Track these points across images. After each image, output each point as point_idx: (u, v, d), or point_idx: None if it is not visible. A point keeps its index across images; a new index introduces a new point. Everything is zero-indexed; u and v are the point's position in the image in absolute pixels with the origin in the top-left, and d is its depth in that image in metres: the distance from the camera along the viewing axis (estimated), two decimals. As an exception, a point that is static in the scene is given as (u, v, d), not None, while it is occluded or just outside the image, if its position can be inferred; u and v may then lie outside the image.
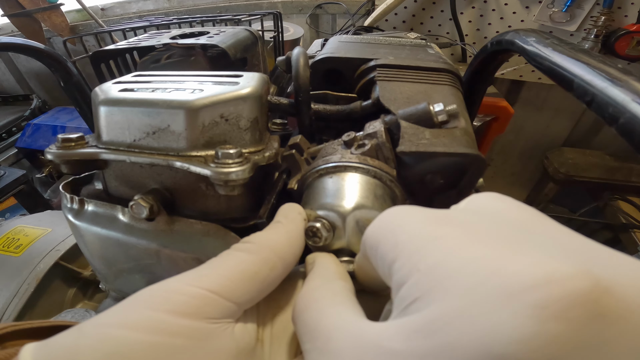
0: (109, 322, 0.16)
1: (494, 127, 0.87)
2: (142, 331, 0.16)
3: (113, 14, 1.44)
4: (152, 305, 0.17)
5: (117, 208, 0.29)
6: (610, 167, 1.31)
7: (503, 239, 0.13)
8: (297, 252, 0.22)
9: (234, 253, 0.20)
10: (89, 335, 0.15)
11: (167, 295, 0.17)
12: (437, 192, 0.28)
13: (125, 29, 0.64)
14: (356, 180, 0.25)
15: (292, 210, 0.24)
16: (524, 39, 0.37)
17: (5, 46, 0.62)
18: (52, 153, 0.27)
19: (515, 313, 0.10)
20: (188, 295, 0.17)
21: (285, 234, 0.22)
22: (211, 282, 0.18)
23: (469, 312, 0.11)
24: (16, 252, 0.65)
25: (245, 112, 0.27)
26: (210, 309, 0.17)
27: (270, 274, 0.20)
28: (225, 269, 0.19)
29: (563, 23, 1.10)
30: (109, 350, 0.15)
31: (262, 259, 0.20)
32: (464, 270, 0.12)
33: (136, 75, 0.33)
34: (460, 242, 0.14)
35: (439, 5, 1.15)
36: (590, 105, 0.25)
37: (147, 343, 0.15)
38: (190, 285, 0.18)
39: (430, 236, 0.14)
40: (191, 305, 0.17)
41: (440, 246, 0.14)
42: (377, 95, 0.32)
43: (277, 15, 0.70)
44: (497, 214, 0.16)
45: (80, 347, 0.15)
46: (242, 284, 0.19)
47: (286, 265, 0.21)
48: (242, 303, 0.19)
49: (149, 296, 0.17)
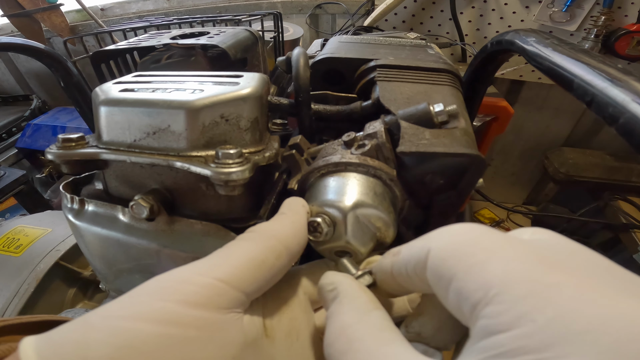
0: (118, 314, 0.16)
1: (494, 127, 0.87)
2: (153, 323, 0.15)
3: (113, 14, 1.44)
4: (162, 296, 0.16)
5: (118, 208, 0.29)
6: (610, 167, 1.31)
7: (616, 287, 0.12)
8: (301, 242, 0.22)
9: (240, 243, 0.20)
10: (98, 328, 0.15)
11: (177, 286, 0.17)
12: (437, 192, 0.28)
13: (126, 29, 0.64)
14: (356, 178, 0.26)
15: (296, 203, 0.24)
16: (524, 39, 0.37)
17: (6, 46, 0.62)
18: (53, 153, 0.27)
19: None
20: (198, 285, 0.17)
21: (290, 224, 0.22)
22: (221, 272, 0.18)
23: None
24: (16, 252, 0.65)
25: (246, 113, 0.27)
26: (221, 299, 0.17)
27: (277, 263, 0.20)
28: (234, 258, 0.19)
29: (563, 23, 1.10)
30: (121, 343, 0.14)
31: (268, 248, 0.20)
32: (601, 328, 0.11)
33: (136, 75, 0.33)
34: (581, 291, 0.12)
35: (438, 5, 1.15)
36: (590, 106, 0.25)
37: (159, 335, 0.15)
38: (200, 274, 0.18)
39: (543, 281, 0.13)
40: (202, 295, 0.17)
41: (559, 295, 0.12)
42: (377, 96, 0.32)
43: (278, 15, 0.70)
44: (574, 254, 0.14)
45: (90, 341, 0.14)
46: (250, 272, 0.18)
47: (291, 254, 0.21)
48: (250, 293, 0.19)
49: (158, 286, 0.17)
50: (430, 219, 0.31)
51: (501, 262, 0.14)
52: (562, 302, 0.12)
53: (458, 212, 0.30)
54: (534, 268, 0.13)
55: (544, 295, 0.12)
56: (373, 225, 0.24)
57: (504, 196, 1.62)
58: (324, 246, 0.25)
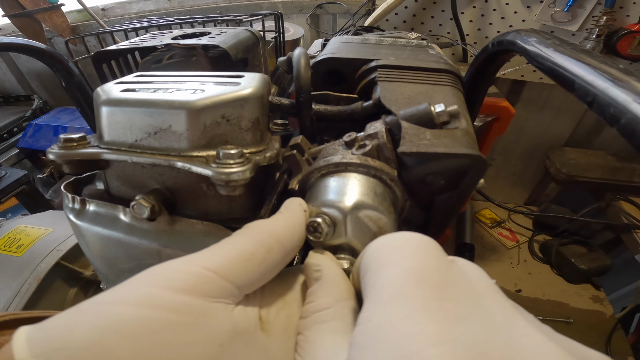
0: (107, 299, 0.16)
1: (495, 128, 0.87)
2: (138, 306, 0.16)
3: (114, 14, 1.44)
4: (150, 283, 0.17)
5: (119, 208, 0.29)
6: (612, 167, 1.30)
7: (440, 317, 0.14)
8: (295, 239, 0.22)
9: (232, 237, 0.21)
10: (86, 313, 0.16)
11: (166, 273, 0.18)
12: (438, 192, 0.28)
13: (127, 29, 0.64)
14: (357, 179, 0.26)
15: (293, 202, 0.25)
16: (525, 39, 0.37)
17: (7, 46, 0.62)
18: (54, 153, 0.27)
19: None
20: (186, 273, 0.18)
21: (284, 220, 0.23)
22: (209, 261, 0.19)
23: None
24: (17, 252, 0.66)
25: (247, 113, 0.27)
26: (208, 287, 0.18)
27: (268, 257, 0.20)
28: (224, 250, 0.20)
29: (565, 23, 1.09)
30: (104, 326, 0.15)
31: (258, 241, 0.20)
32: (386, 340, 0.14)
33: (138, 75, 0.33)
34: (413, 310, 0.15)
35: (439, 5, 1.15)
36: (591, 106, 0.25)
37: (142, 318, 0.15)
38: (189, 264, 0.18)
39: (397, 293, 0.16)
40: (189, 282, 0.17)
41: (396, 308, 0.15)
42: (378, 96, 0.32)
43: (278, 15, 0.70)
44: (480, 295, 0.16)
45: (77, 323, 0.15)
46: (239, 264, 0.19)
47: (284, 250, 0.21)
48: (241, 285, 0.19)
49: (148, 275, 0.18)
50: (431, 220, 0.31)
51: (392, 269, 0.17)
52: (390, 314, 0.15)
53: (459, 212, 0.30)
54: (403, 281, 0.16)
55: (390, 304, 0.15)
56: (373, 225, 0.24)
57: (505, 196, 1.62)
58: (324, 246, 0.25)
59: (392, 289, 0.16)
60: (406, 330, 0.14)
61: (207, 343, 0.17)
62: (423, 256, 0.17)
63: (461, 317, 0.15)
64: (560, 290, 1.28)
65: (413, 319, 0.14)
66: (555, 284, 1.30)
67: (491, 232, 1.49)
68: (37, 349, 0.14)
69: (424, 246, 0.18)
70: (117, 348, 0.15)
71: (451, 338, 0.13)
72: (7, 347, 0.15)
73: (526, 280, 1.32)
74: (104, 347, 0.14)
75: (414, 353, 0.13)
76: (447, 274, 0.17)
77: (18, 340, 0.15)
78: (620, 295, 1.26)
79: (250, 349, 0.19)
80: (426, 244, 0.18)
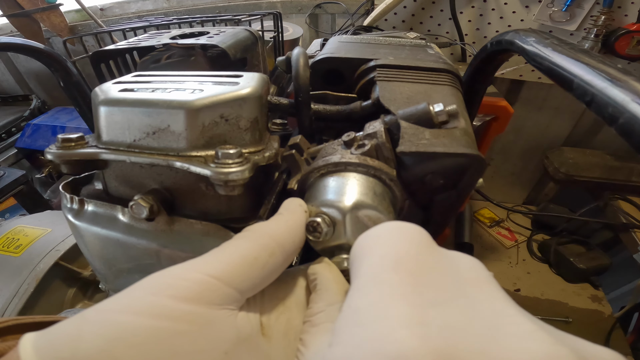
0: (111, 308, 0.16)
1: (494, 127, 0.87)
2: (144, 316, 0.16)
3: (112, 14, 1.43)
4: (154, 291, 0.17)
5: (117, 208, 0.29)
6: (610, 166, 1.30)
7: (422, 305, 0.15)
8: (296, 241, 0.22)
9: (234, 241, 0.21)
10: (92, 322, 0.15)
11: (169, 281, 0.17)
12: (437, 192, 0.28)
13: (125, 29, 0.63)
14: (356, 178, 0.26)
15: (293, 203, 0.24)
16: (523, 38, 0.37)
17: (5, 46, 0.62)
18: (52, 153, 0.27)
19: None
20: (190, 281, 0.17)
21: (285, 222, 0.22)
22: (212, 268, 0.18)
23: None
24: (16, 252, 0.65)
25: (245, 112, 0.27)
26: (211, 294, 0.18)
27: (270, 260, 0.20)
28: (226, 255, 0.19)
29: (563, 22, 1.10)
30: (112, 335, 0.15)
31: (260, 245, 0.20)
32: (359, 326, 0.15)
33: (136, 75, 0.33)
34: (383, 310, 0.15)
35: (438, 5, 1.15)
36: (589, 106, 0.25)
37: (149, 328, 0.15)
38: (193, 271, 0.18)
39: (374, 280, 0.16)
40: (193, 290, 0.17)
41: (371, 293, 0.16)
42: (377, 96, 0.32)
43: (277, 15, 0.70)
44: (460, 284, 0.17)
45: (83, 333, 0.15)
46: (242, 269, 0.19)
47: (286, 252, 0.21)
48: (244, 290, 0.19)
49: (152, 282, 0.18)
50: (431, 219, 0.31)
51: (374, 257, 0.18)
52: (364, 300, 0.16)
53: (458, 211, 0.30)
54: (383, 267, 0.17)
55: (366, 289, 0.16)
56: (373, 225, 0.24)
57: (503, 196, 1.62)
58: (323, 246, 0.25)
59: (370, 275, 0.17)
60: (379, 314, 0.14)
61: (213, 351, 0.17)
62: (403, 244, 0.18)
63: (437, 302, 0.15)
64: (559, 290, 1.28)
65: (386, 303, 0.15)
66: (554, 284, 1.30)
67: (490, 232, 1.49)
68: (45, 358, 0.14)
69: (408, 234, 0.18)
70: (125, 358, 0.15)
71: (423, 320, 0.14)
72: (12, 354, 0.14)
73: (525, 279, 1.32)
74: (112, 357, 0.14)
75: (385, 335, 0.13)
76: (427, 261, 0.17)
77: (25, 348, 0.15)
78: (619, 294, 1.26)
79: (253, 355, 0.19)
80: (410, 232, 0.19)
